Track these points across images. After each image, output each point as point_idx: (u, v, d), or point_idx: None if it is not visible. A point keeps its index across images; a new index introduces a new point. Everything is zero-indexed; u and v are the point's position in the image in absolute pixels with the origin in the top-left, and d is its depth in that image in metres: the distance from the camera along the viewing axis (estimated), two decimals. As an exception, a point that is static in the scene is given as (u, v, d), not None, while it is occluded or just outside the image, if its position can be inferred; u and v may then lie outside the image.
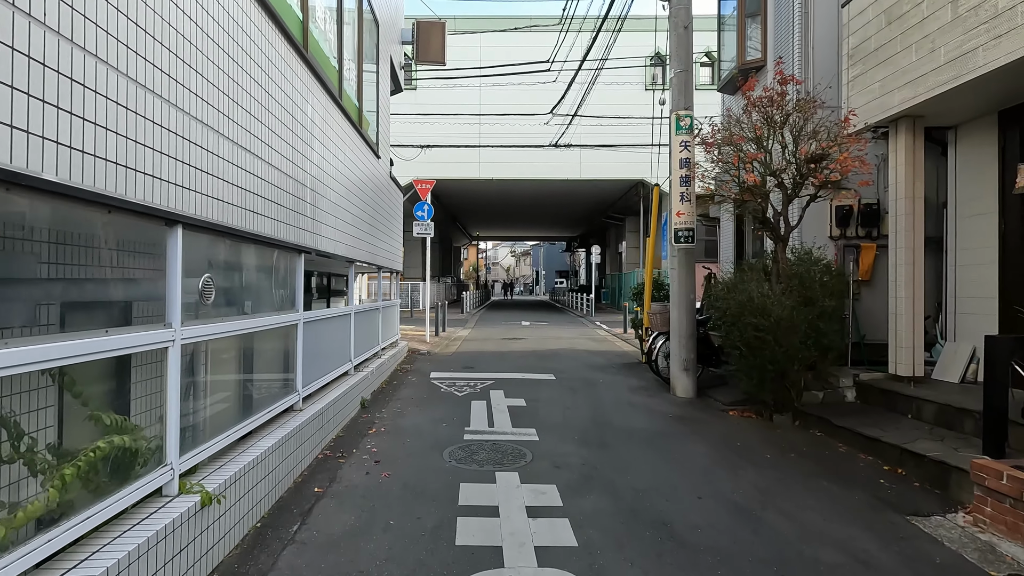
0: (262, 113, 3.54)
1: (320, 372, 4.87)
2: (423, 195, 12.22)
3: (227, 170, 3.02)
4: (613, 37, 13.78)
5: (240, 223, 3.16)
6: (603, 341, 13.26)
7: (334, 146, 5.26)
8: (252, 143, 3.37)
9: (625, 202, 29.54)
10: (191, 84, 2.64)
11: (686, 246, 6.95)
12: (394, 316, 9.35)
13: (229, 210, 3.02)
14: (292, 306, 4.25)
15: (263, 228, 3.50)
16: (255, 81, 3.41)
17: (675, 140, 6.93)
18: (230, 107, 3.05)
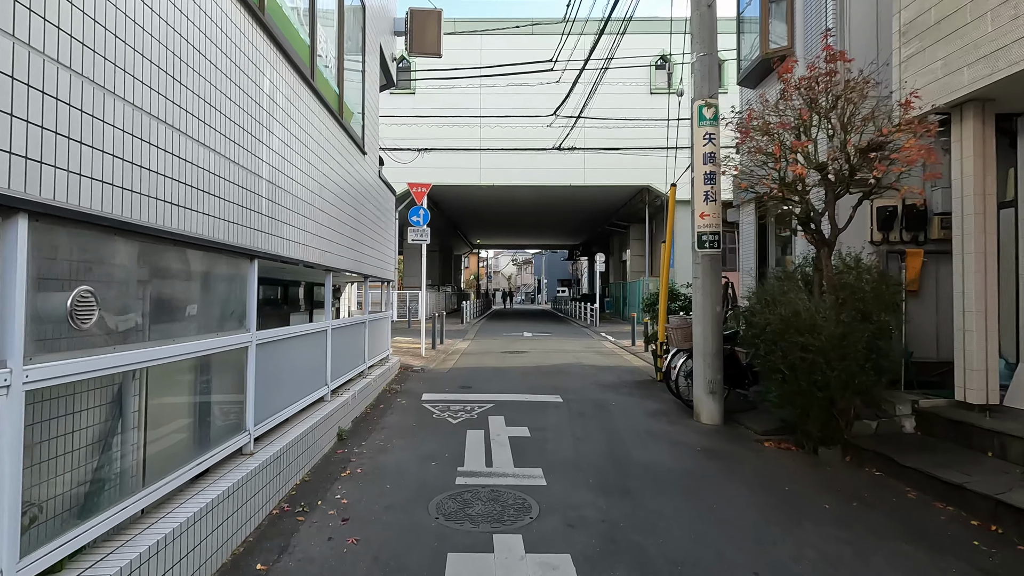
0: (188, 75, 2.74)
1: (282, 403, 4.04)
2: (419, 199, 11.44)
3: (124, 144, 2.22)
4: (617, 40, 13.07)
5: (144, 216, 2.35)
6: (611, 355, 12.42)
7: (304, 134, 4.47)
8: (171, 112, 2.57)
9: (629, 209, 28.77)
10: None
11: (711, 252, 6.13)
12: (384, 330, 8.53)
13: (125, 199, 2.22)
14: (240, 325, 3.43)
15: (188, 225, 2.69)
16: (170, 26, 2.61)
17: (698, 133, 6.13)
18: (118, 49, 2.23)
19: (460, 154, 22.95)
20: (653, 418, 6.21)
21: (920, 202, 6.37)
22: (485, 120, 20.68)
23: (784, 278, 5.45)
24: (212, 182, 2.93)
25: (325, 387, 5.16)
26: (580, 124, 18.28)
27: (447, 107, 21.69)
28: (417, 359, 10.66)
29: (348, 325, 6.17)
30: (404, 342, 14.25)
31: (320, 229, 4.89)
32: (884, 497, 4.04)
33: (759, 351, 4.99)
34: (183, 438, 3.10)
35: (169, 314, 2.86)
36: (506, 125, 20.39)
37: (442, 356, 11.46)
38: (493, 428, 5.58)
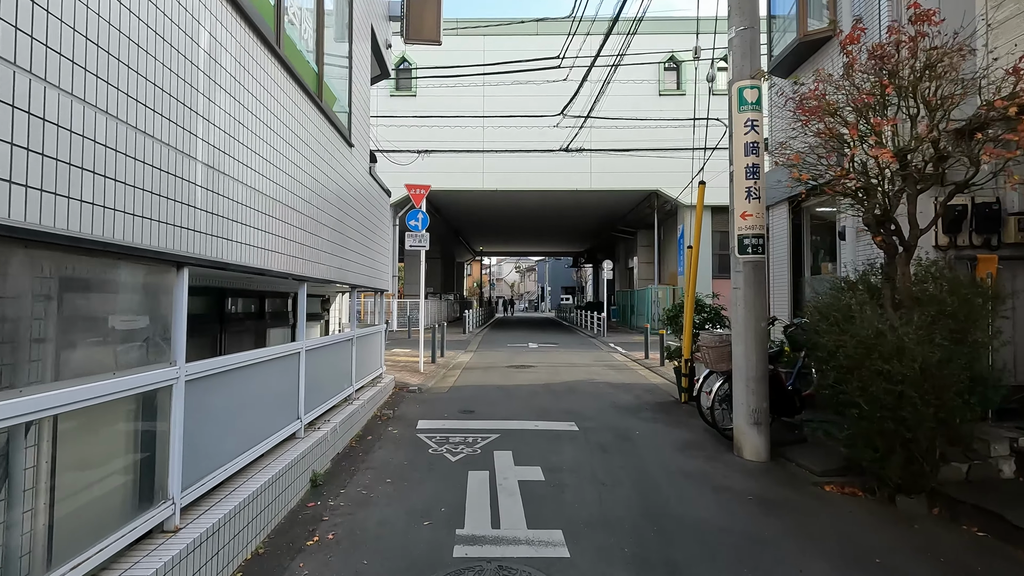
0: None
1: (229, 452, 3.16)
2: (417, 201, 10.58)
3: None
4: (626, 40, 12.28)
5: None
6: (624, 369, 11.50)
7: (264, 109, 3.61)
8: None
9: (636, 215, 27.90)
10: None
11: (754, 258, 5.23)
12: (376, 346, 7.65)
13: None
14: (161, 356, 2.55)
15: (60, 219, 1.82)
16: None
17: (738, 120, 5.26)
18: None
19: (463, 158, 22.15)
20: (686, 453, 5.29)
21: (993, 200, 5.48)
22: (488, 120, 19.85)
23: (846, 288, 4.54)
24: (105, 159, 2.06)
25: (296, 422, 4.26)
26: (587, 126, 17.47)
27: (449, 109, 20.92)
28: (415, 375, 9.76)
29: (329, 344, 5.28)
30: (403, 355, 13.36)
31: (289, 231, 4.02)
32: (999, 570, 3.13)
33: (825, 379, 4.08)
34: (102, 503, 2.21)
35: (32, 349, 1.98)
36: (510, 126, 19.57)
37: (442, 372, 10.56)
38: (500, 467, 4.67)
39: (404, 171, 18.96)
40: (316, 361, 4.84)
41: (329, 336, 5.50)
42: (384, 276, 7.94)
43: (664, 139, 22.16)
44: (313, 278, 4.62)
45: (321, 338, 5.12)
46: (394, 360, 12.05)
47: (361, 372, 6.56)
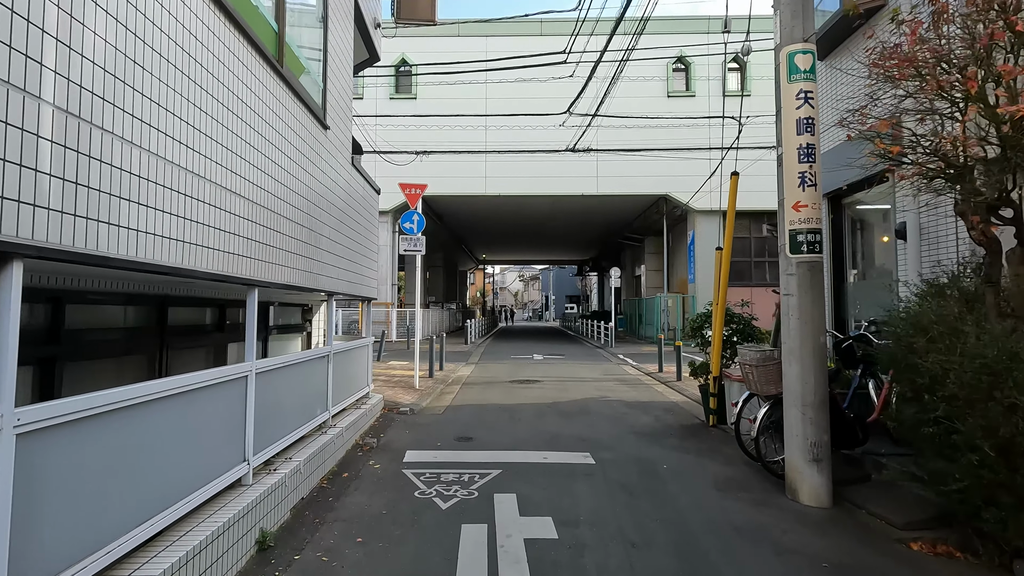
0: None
1: (125, 520, 2.23)
2: (412, 202, 9.71)
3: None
4: (632, 41, 11.46)
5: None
6: (638, 385, 10.54)
7: (196, 67, 2.73)
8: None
9: (644, 221, 27.01)
10: None
11: (810, 258, 4.30)
12: (361, 361, 6.74)
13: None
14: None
15: None
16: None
17: (788, 92, 4.36)
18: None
19: (465, 162, 21.32)
20: (729, 495, 4.34)
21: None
22: (491, 120, 19.02)
23: (936, 294, 3.61)
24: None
25: (241, 466, 3.34)
26: (595, 125, 16.62)
27: (450, 111, 20.14)
28: (408, 392, 8.83)
29: (294, 364, 4.36)
30: (399, 368, 12.44)
31: (228, 221, 3.13)
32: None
33: (924, 411, 3.14)
34: None
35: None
36: (514, 125, 18.73)
37: (439, 388, 9.63)
38: (501, 519, 3.73)
39: (403, 175, 18.13)
40: (276, 385, 3.93)
41: (294, 354, 4.58)
42: (370, 283, 7.04)
43: (673, 141, 21.32)
44: (268, 282, 3.72)
45: (282, 357, 4.20)
46: (388, 374, 11.13)
47: (340, 394, 5.65)
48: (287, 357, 4.16)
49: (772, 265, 22.17)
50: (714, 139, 21.95)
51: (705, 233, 22.08)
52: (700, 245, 22.05)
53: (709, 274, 22.41)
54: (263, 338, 5.91)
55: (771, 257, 22.38)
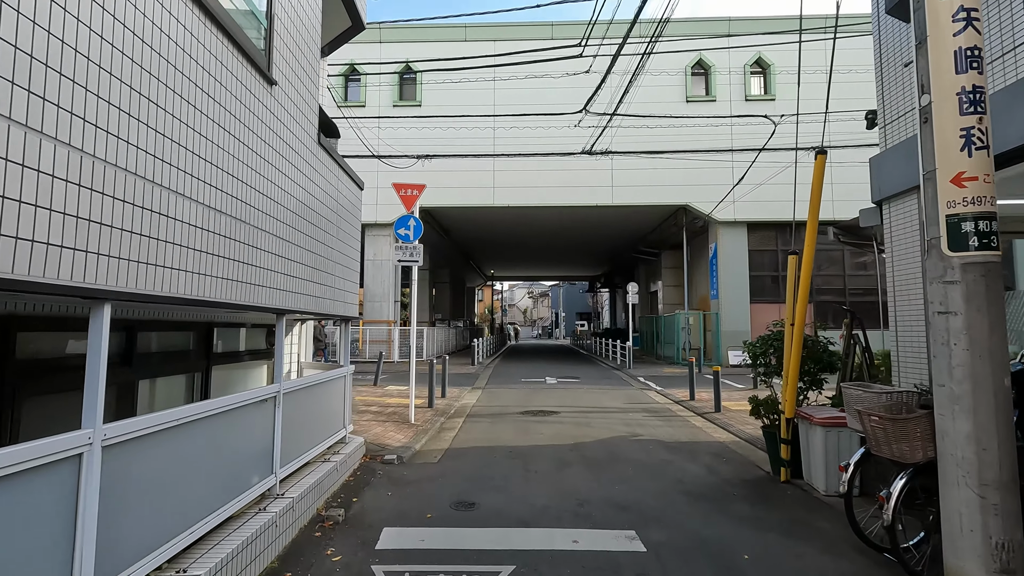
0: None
1: None
2: (408, 205, 8.37)
3: None
4: (658, 28, 10.18)
5: None
6: (671, 417, 9.03)
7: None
8: None
9: (660, 234, 25.57)
10: None
11: (984, 257, 2.85)
12: (333, 399, 5.31)
13: None
14: None
15: None
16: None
17: (939, 10, 2.96)
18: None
19: (472, 172, 20.04)
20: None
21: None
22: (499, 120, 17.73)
23: None
24: None
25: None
26: (612, 126, 15.29)
27: (456, 116, 18.95)
28: (401, 429, 7.39)
29: (208, 416, 2.94)
30: (396, 395, 11.02)
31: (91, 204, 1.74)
32: None
33: None
34: None
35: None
36: (524, 127, 17.43)
37: (439, 422, 8.17)
38: None
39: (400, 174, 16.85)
40: (169, 451, 2.52)
41: (207, 404, 3.11)
42: (348, 298, 5.65)
43: (693, 149, 19.97)
44: (163, 297, 2.32)
45: (180, 411, 2.76)
46: (382, 404, 9.69)
47: (298, 447, 4.22)
48: (188, 410, 2.74)
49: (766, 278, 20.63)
50: (736, 145, 20.62)
51: (729, 246, 20.63)
52: (724, 259, 20.57)
53: (734, 290, 20.98)
54: (152, 373, 4.43)
55: (761, 271, 20.90)
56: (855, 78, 19.83)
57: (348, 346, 5.82)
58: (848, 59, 17.33)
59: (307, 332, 6.91)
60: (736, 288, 20.43)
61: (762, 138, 18.18)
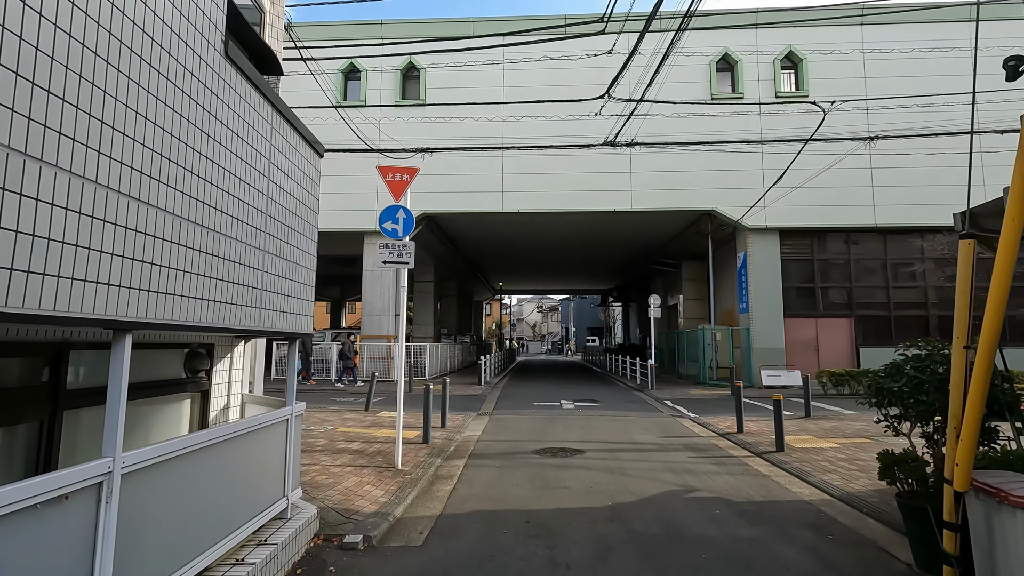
0: None
1: None
2: (396, 192, 6.71)
3: None
4: (676, 36, 8.63)
5: None
6: (724, 457, 7.22)
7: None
8: None
9: (680, 243, 23.77)
10: None
11: None
12: (266, 458, 3.58)
13: None
14: None
15: None
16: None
17: None
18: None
19: (480, 176, 18.47)
20: None
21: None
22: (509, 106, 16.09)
23: None
24: None
25: None
26: (633, 124, 13.64)
27: (463, 115, 17.40)
28: (382, 480, 5.65)
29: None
30: (388, 423, 9.29)
31: None
32: None
33: None
34: None
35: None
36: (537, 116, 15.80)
37: (432, 468, 6.42)
38: None
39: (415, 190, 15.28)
40: None
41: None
42: (300, 310, 3.95)
43: (725, 140, 18.28)
44: None
45: None
46: (367, 438, 7.96)
47: (171, 556, 2.50)
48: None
49: (844, 292, 18.71)
50: (766, 146, 18.91)
51: (760, 255, 18.82)
52: (754, 269, 18.75)
53: (766, 303, 19.01)
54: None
55: (840, 283, 18.97)
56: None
57: (293, 374, 4.10)
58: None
59: (254, 353, 5.20)
60: (768, 301, 18.57)
61: (795, 140, 16.45)
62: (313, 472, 5.83)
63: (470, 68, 15.46)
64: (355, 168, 17.35)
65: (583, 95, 12.71)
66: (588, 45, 11.70)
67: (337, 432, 8.56)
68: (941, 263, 17.78)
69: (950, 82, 17.20)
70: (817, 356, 18.55)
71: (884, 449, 4.00)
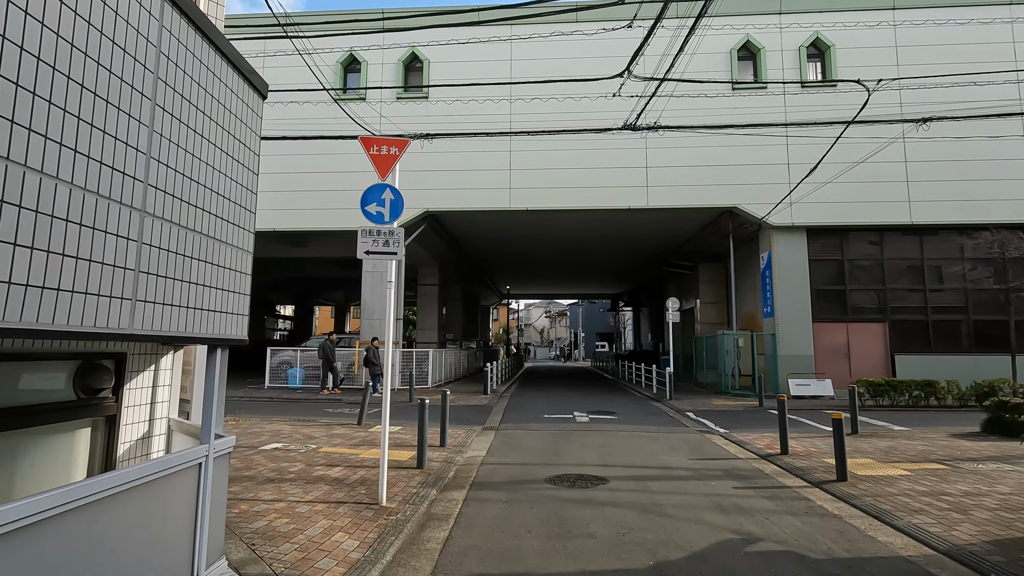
0: None
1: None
2: (383, 170, 5.56)
3: None
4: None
5: None
6: (775, 488, 5.98)
7: None
8: None
9: (697, 244, 22.49)
10: None
11: None
12: (166, 522, 2.41)
13: None
14: None
15: None
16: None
17: None
18: None
19: (485, 172, 17.38)
20: None
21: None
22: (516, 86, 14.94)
23: None
24: None
25: None
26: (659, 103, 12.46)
27: (471, 112, 16.30)
28: (358, 525, 4.47)
29: None
30: (379, 440, 8.07)
31: None
32: None
33: None
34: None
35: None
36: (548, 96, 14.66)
37: (424, 505, 5.23)
38: None
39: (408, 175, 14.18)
40: None
41: None
42: (228, 305, 2.80)
43: (739, 144, 17.10)
44: None
45: None
46: (353, 462, 6.77)
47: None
48: None
49: (877, 295, 17.37)
50: (792, 138, 17.67)
51: (785, 255, 17.55)
52: (780, 270, 17.48)
53: (793, 307, 17.61)
54: None
55: (873, 285, 17.63)
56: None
57: (220, 397, 2.93)
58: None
59: (193, 365, 4.04)
60: (795, 304, 17.28)
61: (822, 134, 15.21)
62: (272, 514, 4.66)
63: (475, 44, 14.32)
64: (354, 164, 16.27)
65: (599, 74, 11.54)
66: (603, 17, 10.58)
67: (319, 453, 7.40)
68: (984, 264, 16.41)
69: (997, 53, 15.95)
70: (848, 364, 17.22)
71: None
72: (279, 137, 11.64)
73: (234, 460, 6.82)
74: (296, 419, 10.88)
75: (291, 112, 17.55)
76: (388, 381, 5.60)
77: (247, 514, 4.62)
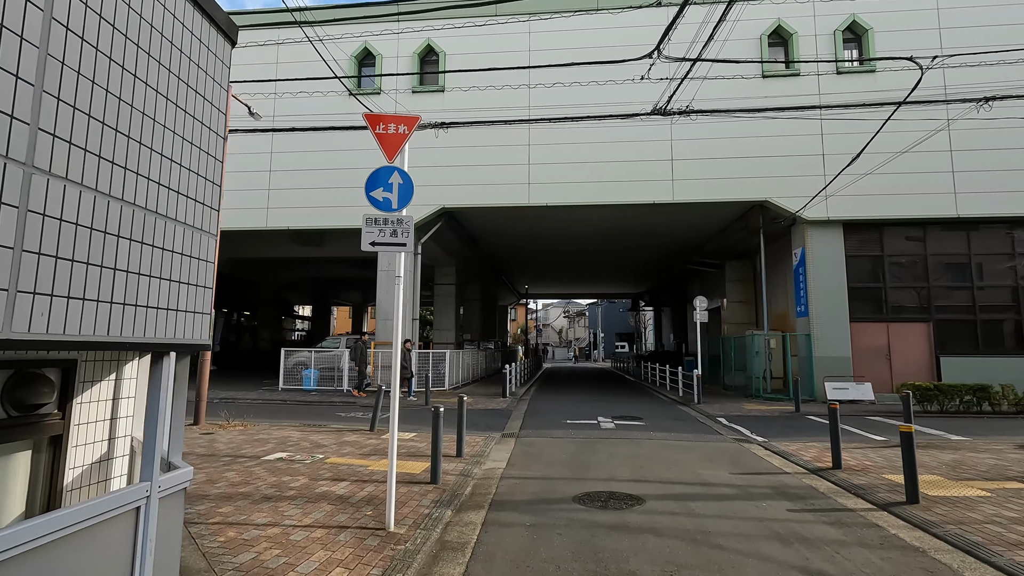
0: None
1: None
2: (390, 151, 4.94)
3: None
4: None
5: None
6: (837, 511, 5.23)
7: None
8: None
9: (723, 241, 21.54)
10: None
11: None
12: None
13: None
14: None
15: None
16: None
17: None
18: None
19: (504, 167, 16.76)
20: None
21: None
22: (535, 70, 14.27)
23: None
24: None
25: None
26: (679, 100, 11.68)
27: (488, 103, 15.68)
28: (362, 554, 3.84)
29: None
30: (387, 454, 7.44)
31: None
32: None
33: None
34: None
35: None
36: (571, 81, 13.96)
37: (437, 531, 4.59)
38: None
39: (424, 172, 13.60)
40: None
41: None
42: (184, 302, 2.19)
43: (773, 134, 16.23)
44: None
45: None
46: (363, 475, 6.14)
47: None
48: None
49: (919, 293, 16.32)
50: (827, 128, 16.74)
51: (821, 251, 16.60)
52: (814, 267, 16.54)
53: (829, 306, 16.52)
54: None
55: (915, 283, 16.60)
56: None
57: (172, 418, 2.32)
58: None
59: (143, 375, 3.44)
60: (831, 303, 16.32)
61: (859, 124, 14.29)
62: (263, 543, 4.06)
63: (492, 28, 13.68)
64: (368, 160, 15.76)
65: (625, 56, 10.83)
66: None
67: (325, 465, 6.82)
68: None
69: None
70: (889, 366, 16.23)
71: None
72: (290, 129, 11.13)
73: (232, 474, 6.26)
74: (307, 424, 10.36)
75: (304, 107, 17.12)
76: (396, 389, 4.97)
77: (233, 544, 4.03)
